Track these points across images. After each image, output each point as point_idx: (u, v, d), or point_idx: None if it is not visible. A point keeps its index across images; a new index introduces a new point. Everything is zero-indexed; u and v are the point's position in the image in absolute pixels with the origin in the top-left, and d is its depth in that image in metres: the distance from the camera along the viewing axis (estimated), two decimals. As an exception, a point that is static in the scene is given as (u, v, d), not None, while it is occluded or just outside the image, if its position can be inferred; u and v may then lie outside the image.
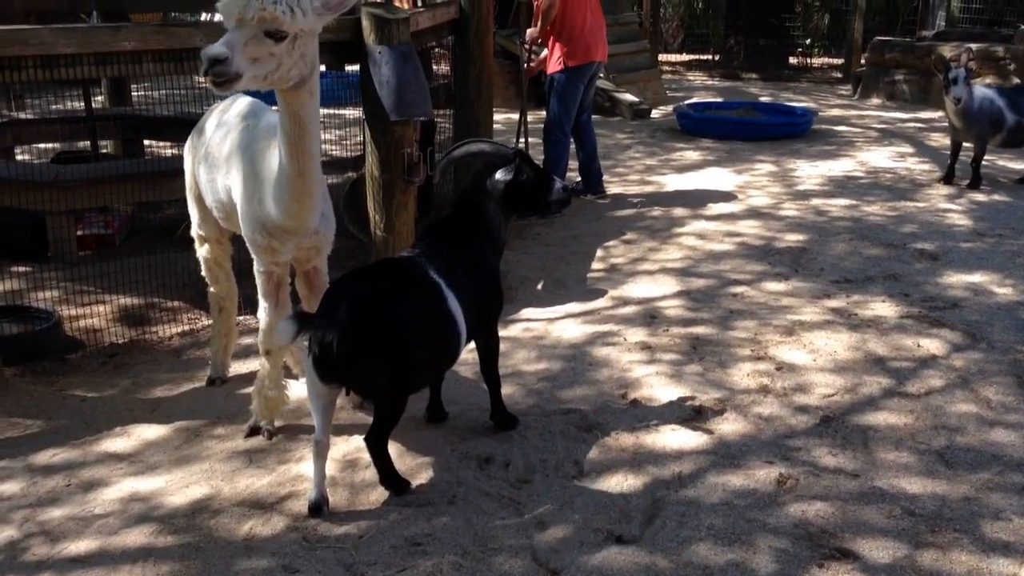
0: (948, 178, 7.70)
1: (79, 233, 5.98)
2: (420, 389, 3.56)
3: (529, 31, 7.26)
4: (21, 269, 5.54)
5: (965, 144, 7.62)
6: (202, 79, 2.95)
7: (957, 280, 5.42)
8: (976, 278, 5.44)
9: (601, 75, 11.36)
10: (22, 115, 7.89)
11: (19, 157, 7.53)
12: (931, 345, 4.53)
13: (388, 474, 3.33)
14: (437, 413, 3.87)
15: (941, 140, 9.30)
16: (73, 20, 6.92)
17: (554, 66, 6.99)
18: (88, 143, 6.99)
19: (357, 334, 3.09)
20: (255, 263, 3.61)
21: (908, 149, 9.31)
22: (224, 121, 3.79)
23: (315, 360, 3.12)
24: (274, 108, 3.48)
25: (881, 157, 8.90)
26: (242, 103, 3.83)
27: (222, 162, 3.68)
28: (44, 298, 5.03)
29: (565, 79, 6.96)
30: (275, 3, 2.89)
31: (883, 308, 5.00)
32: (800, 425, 3.80)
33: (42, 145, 7.73)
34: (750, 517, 3.17)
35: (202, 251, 4.17)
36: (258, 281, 3.64)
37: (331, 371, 3.14)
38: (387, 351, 3.14)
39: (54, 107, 7.77)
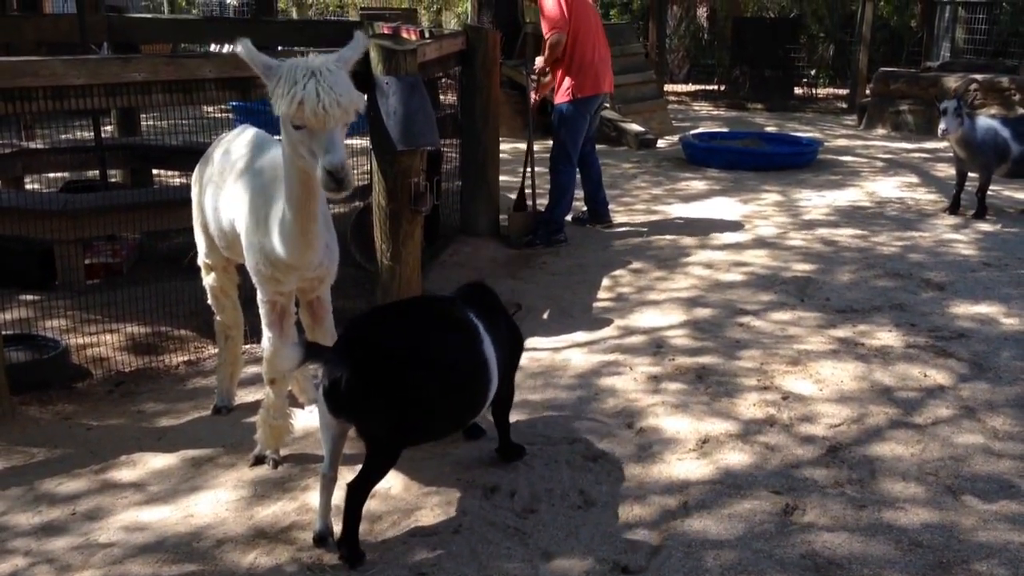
0: (954, 208, 7.71)
1: (87, 262, 6.00)
2: (429, 441, 3.49)
3: (538, 60, 7.25)
4: (29, 297, 5.55)
5: (971, 174, 7.64)
6: (330, 193, 3.00)
7: (964, 310, 5.41)
8: (983, 308, 5.43)
9: (607, 105, 11.46)
10: (32, 145, 7.95)
11: (28, 186, 7.58)
12: (938, 375, 4.52)
13: (351, 534, 3.08)
14: (473, 431, 3.90)
15: (947, 170, 9.32)
16: (84, 51, 6.99)
17: (562, 96, 7.00)
18: (97, 172, 7.04)
19: (368, 373, 3.01)
20: (258, 293, 3.62)
21: (914, 179, 9.33)
22: (230, 151, 3.81)
23: (325, 392, 3.08)
24: (277, 138, 3.52)
25: (887, 187, 8.92)
26: (248, 134, 3.86)
27: (226, 192, 3.70)
28: (52, 326, 5.05)
29: (573, 109, 6.98)
30: (350, 93, 2.98)
31: (889, 338, 4.99)
32: (807, 455, 3.78)
33: (51, 174, 7.80)
34: (756, 548, 3.15)
35: (208, 279, 4.18)
36: (262, 311, 3.64)
37: (340, 406, 3.09)
38: (397, 396, 3.04)
39: (64, 136, 7.83)
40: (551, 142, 7.22)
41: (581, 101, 6.97)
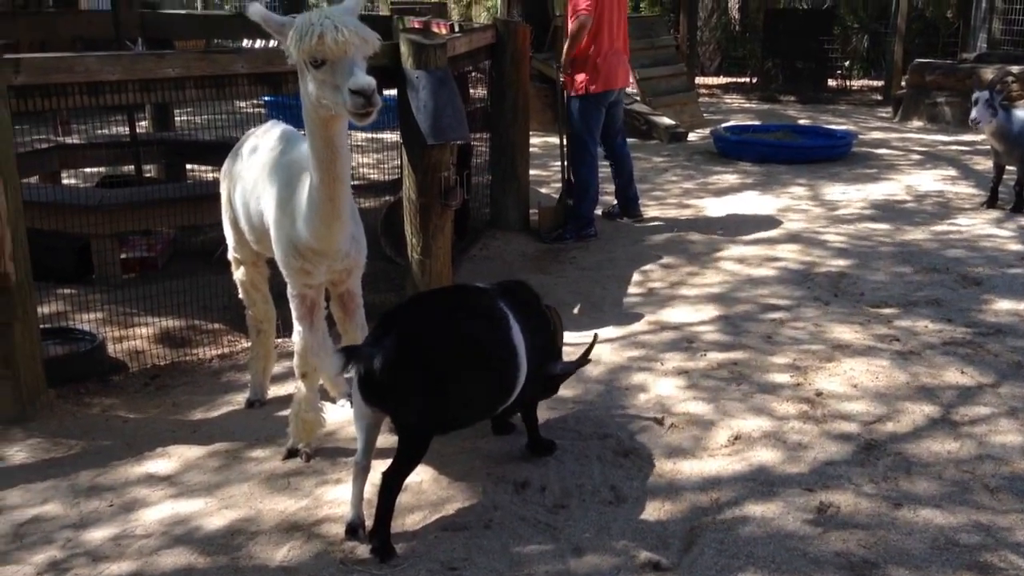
0: (992, 202, 7.59)
1: (123, 256, 6.07)
2: (460, 428, 3.47)
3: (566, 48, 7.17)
4: (66, 291, 5.63)
5: (1009, 168, 7.51)
6: (353, 111, 2.96)
7: (1002, 306, 5.33)
8: (1022, 304, 5.34)
9: (637, 97, 11.37)
10: (68, 140, 8.04)
11: (65, 181, 7.68)
12: (975, 372, 4.45)
13: (383, 526, 3.10)
14: (503, 427, 3.90)
15: (985, 163, 9.16)
16: (118, 47, 7.06)
17: (575, 90, 6.95)
18: (132, 167, 7.11)
19: (402, 361, 3.05)
20: (288, 286, 3.64)
21: (951, 172, 9.19)
22: (259, 147, 3.84)
23: (359, 380, 3.11)
24: (302, 132, 3.54)
25: (923, 180, 8.80)
26: (277, 131, 3.88)
27: (256, 186, 3.73)
28: (88, 320, 5.11)
29: (585, 104, 6.90)
30: (365, 28, 3.05)
31: (926, 334, 4.93)
32: (841, 452, 3.75)
33: (88, 169, 7.89)
34: (790, 546, 3.12)
35: (238, 274, 4.21)
36: (292, 305, 3.66)
37: (374, 394, 3.12)
38: (430, 383, 3.08)
39: (99, 132, 7.92)
40: None
41: (593, 96, 6.90)
